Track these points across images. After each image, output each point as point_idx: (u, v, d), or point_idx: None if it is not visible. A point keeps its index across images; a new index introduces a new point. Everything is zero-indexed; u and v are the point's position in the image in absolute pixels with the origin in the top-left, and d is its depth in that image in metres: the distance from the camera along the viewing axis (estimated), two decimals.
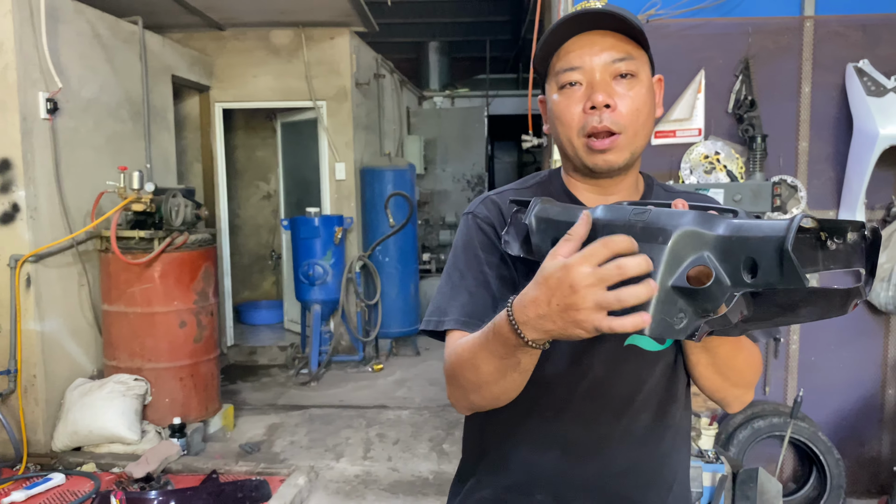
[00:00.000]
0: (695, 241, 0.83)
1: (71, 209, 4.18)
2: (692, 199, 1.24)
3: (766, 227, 0.79)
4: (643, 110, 1.17)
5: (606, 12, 1.13)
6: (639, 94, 1.16)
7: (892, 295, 3.30)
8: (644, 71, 1.18)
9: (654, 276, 0.82)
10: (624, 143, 1.16)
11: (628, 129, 1.16)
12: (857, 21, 3.37)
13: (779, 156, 3.45)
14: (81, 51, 4.38)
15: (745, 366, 1.18)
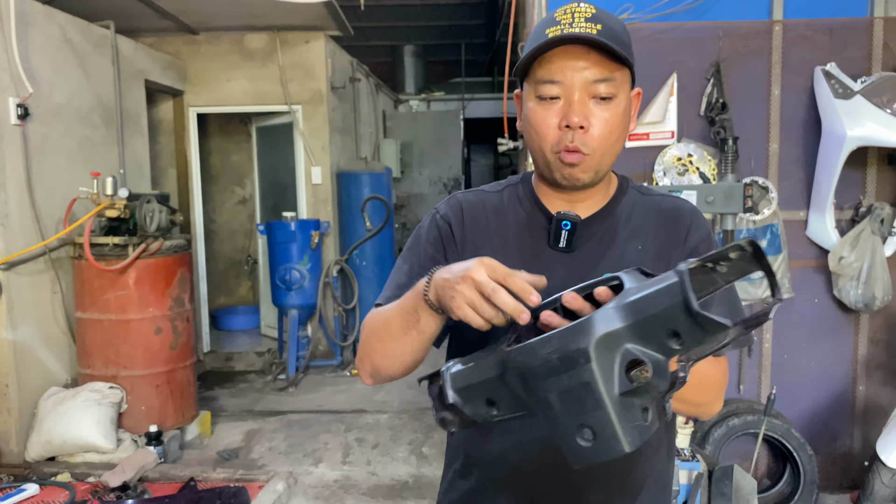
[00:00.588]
0: (611, 344, 0.83)
1: (43, 216, 4.13)
2: (664, 204, 1.29)
3: (663, 295, 0.80)
4: (615, 133, 1.18)
5: (597, 41, 1.12)
6: (614, 116, 1.17)
7: (862, 293, 3.37)
8: (623, 91, 1.18)
9: (597, 395, 0.82)
10: (591, 163, 1.19)
11: (597, 150, 1.18)
12: (824, 25, 3.44)
13: (750, 157, 3.50)
14: (52, 55, 4.33)
15: (703, 389, 1.20)
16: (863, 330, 3.59)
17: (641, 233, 1.27)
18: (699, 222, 1.29)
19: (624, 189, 1.31)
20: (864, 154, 3.43)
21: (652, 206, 1.30)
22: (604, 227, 1.27)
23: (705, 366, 1.16)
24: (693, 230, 1.28)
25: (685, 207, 1.31)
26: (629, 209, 1.28)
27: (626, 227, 1.27)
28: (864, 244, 3.34)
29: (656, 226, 1.27)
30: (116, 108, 5.01)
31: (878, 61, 3.41)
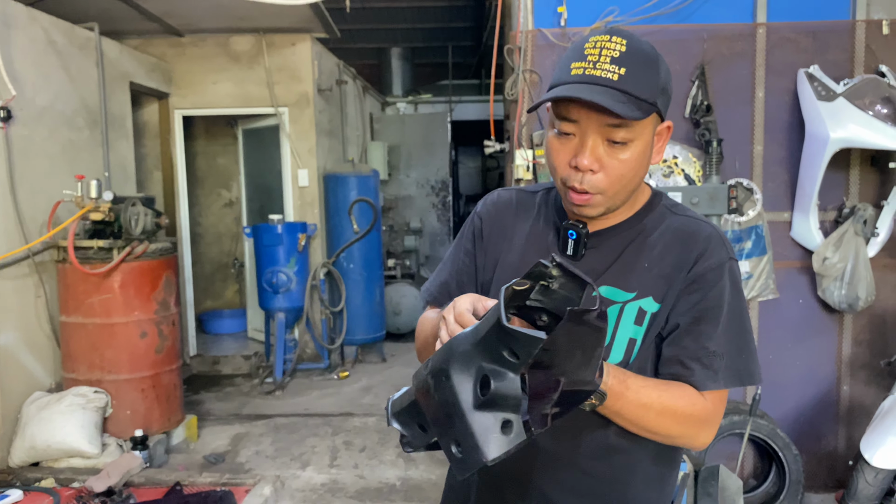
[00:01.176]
0: (467, 362, 0.91)
1: (26, 219, 4.09)
2: (687, 226, 1.28)
3: (491, 314, 0.90)
4: (627, 175, 1.19)
5: (600, 104, 1.11)
6: (629, 159, 1.18)
7: (846, 294, 3.39)
8: (643, 132, 1.18)
9: (458, 409, 0.89)
10: (600, 201, 1.22)
11: (607, 191, 1.20)
12: (807, 28, 3.47)
13: (735, 159, 3.53)
14: (35, 58, 4.30)
15: (665, 418, 1.17)
16: (847, 330, 3.62)
17: (652, 251, 1.26)
18: (714, 250, 1.24)
19: (653, 206, 1.31)
20: (847, 156, 3.46)
21: (672, 227, 1.28)
22: (615, 241, 1.28)
23: (674, 397, 1.18)
24: (704, 257, 1.23)
25: (703, 233, 1.26)
26: (649, 227, 1.29)
27: (637, 244, 1.27)
28: (847, 245, 3.37)
29: (668, 246, 1.26)
30: (101, 111, 4.98)
31: (861, 63, 3.45)
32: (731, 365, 1.21)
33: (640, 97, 1.13)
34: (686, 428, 1.20)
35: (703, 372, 1.20)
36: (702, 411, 1.20)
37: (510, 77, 3.58)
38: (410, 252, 8.76)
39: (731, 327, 1.22)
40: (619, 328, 1.24)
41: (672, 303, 1.23)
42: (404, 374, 6.25)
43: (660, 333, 1.25)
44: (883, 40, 3.43)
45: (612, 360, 1.24)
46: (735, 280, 1.25)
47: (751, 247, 3.52)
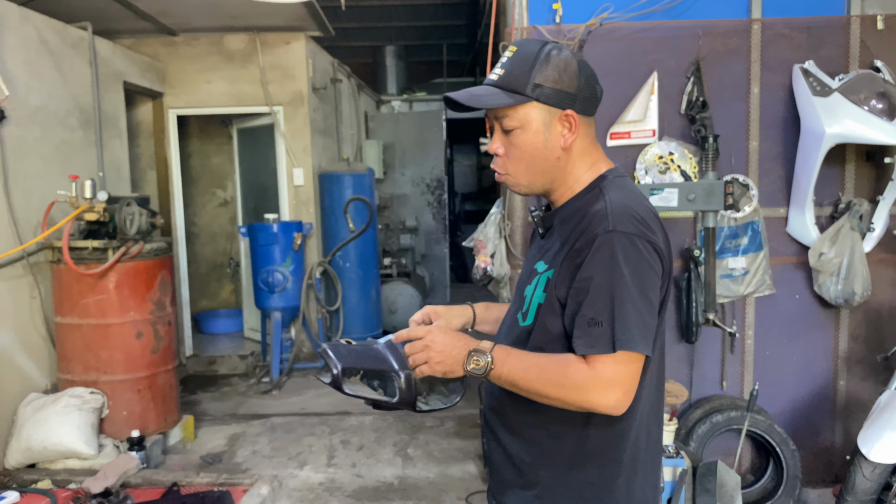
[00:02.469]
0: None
1: (20, 220, 4.08)
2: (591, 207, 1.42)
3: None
4: (525, 158, 1.45)
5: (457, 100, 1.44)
6: (520, 143, 1.44)
7: (842, 289, 3.40)
8: (530, 120, 1.41)
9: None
10: (511, 181, 1.50)
11: (513, 173, 1.48)
12: (801, 23, 3.47)
13: (730, 155, 3.53)
14: (28, 57, 4.28)
15: (543, 384, 1.33)
16: (843, 325, 3.62)
17: (567, 229, 1.43)
18: (594, 224, 1.35)
19: (591, 188, 1.46)
20: (842, 151, 3.47)
21: (585, 206, 1.42)
22: (556, 220, 1.51)
23: (550, 361, 1.34)
24: (585, 231, 1.36)
25: (593, 209, 1.38)
26: (577, 206, 1.45)
27: (564, 222, 1.47)
28: (843, 240, 3.37)
29: (574, 224, 1.41)
30: (94, 111, 4.96)
31: (856, 59, 3.45)
32: (605, 332, 1.29)
33: (511, 90, 1.40)
34: (567, 390, 1.31)
35: (583, 339, 1.31)
36: (578, 375, 1.30)
37: None
38: (406, 250, 8.75)
39: (605, 296, 1.30)
40: (533, 296, 1.45)
41: (558, 272, 1.39)
42: None
43: (558, 300, 1.39)
44: (877, 35, 3.44)
45: (528, 321, 1.46)
46: (614, 251, 1.31)
47: (747, 243, 3.53)
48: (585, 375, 1.30)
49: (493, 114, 1.44)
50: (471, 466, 4.19)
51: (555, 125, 1.42)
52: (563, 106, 1.41)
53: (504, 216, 3.65)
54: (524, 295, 1.48)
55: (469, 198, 12.69)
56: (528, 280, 1.49)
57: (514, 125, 1.42)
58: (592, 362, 1.30)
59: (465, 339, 1.42)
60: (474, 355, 1.37)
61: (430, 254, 9.40)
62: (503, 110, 1.42)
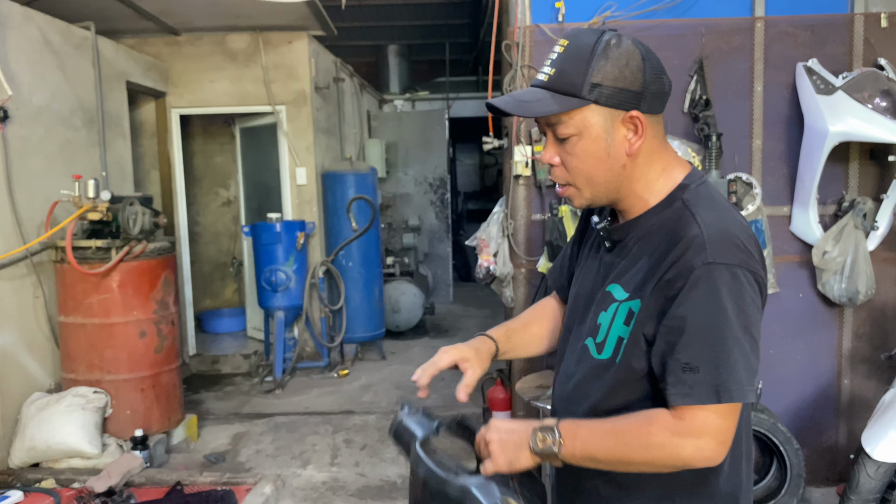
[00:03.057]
0: None
1: (24, 219, 4.08)
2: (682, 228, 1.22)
3: None
4: (584, 167, 1.26)
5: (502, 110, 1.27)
6: (580, 152, 1.25)
7: (846, 287, 3.39)
8: (590, 125, 1.22)
9: None
10: (573, 192, 1.31)
11: (574, 182, 1.29)
12: (805, 21, 3.46)
13: (734, 154, 3.52)
14: (31, 57, 4.28)
15: (623, 447, 1.19)
16: (847, 324, 3.61)
17: (649, 250, 1.25)
18: (689, 254, 1.17)
19: (672, 201, 1.27)
20: (846, 149, 3.46)
21: (672, 226, 1.24)
22: (631, 235, 1.31)
23: (626, 422, 1.20)
24: (679, 262, 1.18)
25: (687, 234, 1.20)
26: (657, 223, 1.27)
27: (643, 240, 1.28)
28: (847, 239, 3.36)
29: (661, 248, 1.23)
30: (98, 111, 4.96)
31: (859, 57, 3.44)
32: (705, 380, 1.14)
33: (565, 93, 1.21)
34: (653, 450, 1.17)
35: (676, 388, 1.16)
36: (665, 431, 1.16)
37: (508, 73, 3.57)
38: (409, 249, 8.75)
39: (705, 339, 1.15)
40: (612, 326, 1.28)
41: (646, 305, 1.22)
42: (404, 371, 6.25)
43: (645, 339, 1.23)
44: (881, 33, 3.43)
45: (604, 356, 1.29)
46: (714, 287, 1.15)
47: None
48: (674, 430, 1.15)
49: (544, 120, 1.26)
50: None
51: (618, 129, 1.23)
52: (627, 107, 1.22)
53: (507, 215, 3.65)
54: (598, 322, 1.31)
55: (472, 197, 12.69)
56: (599, 303, 1.32)
57: (569, 132, 1.23)
58: (683, 413, 1.15)
59: (525, 421, 1.26)
60: (539, 433, 1.21)
61: (433, 253, 9.41)
62: (554, 117, 1.23)
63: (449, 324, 8.23)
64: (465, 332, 7.73)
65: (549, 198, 3.61)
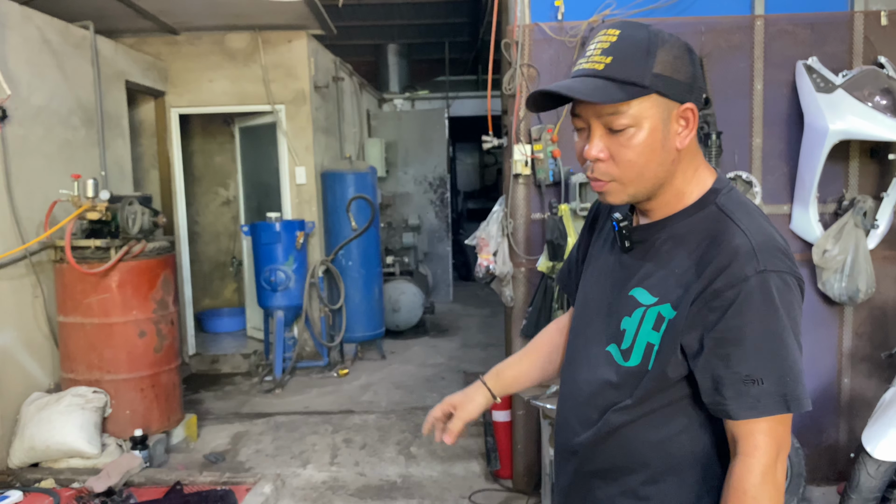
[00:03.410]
0: None
1: (23, 219, 4.08)
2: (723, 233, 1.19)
3: None
4: (639, 160, 1.19)
5: (571, 96, 1.17)
6: (635, 145, 1.18)
7: (846, 286, 3.38)
8: (647, 116, 1.17)
9: None
10: (616, 188, 1.23)
11: (621, 178, 1.21)
12: (805, 19, 3.46)
13: (734, 152, 3.51)
14: (30, 57, 4.28)
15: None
16: (847, 323, 3.61)
17: (682, 254, 1.22)
18: (738, 263, 1.14)
19: (704, 203, 1.25)
20: (846, 147, 3.45)
21: (710, 231, 1.21)
22: (656, 237, 1.27)
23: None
24: (726, 272, 1.14)
25: (732, 242, 1.17)
26: (690, 227, 1.24)
27: (672, 243, 1.24)
28: (847, 237, 3.36)
29: (698, 253, 1.20)
30: (97, 110, 4.96)
31: (859, 55, 3.43)
32: (772, 390, 1.12)
33: (626, 81, 1.15)
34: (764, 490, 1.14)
35: (739, 400, 1.13)
36: (757, 481, 1.13)
37: (507, 72, 3.56)
38: (409, 249, 8.75)
39: (765, 349, 1.12)
40: (639, 332, 1.24)
41: (686, 314, 1.18)
42: (404, 371, 6.25)
43: (682, 348, 1.19)
44: (881, 31, 3.42)
45: (632, 363, 1.24)
46: (769, 295, 1.12)
47: None
48: (762, 471, 1.13)
49: (594, 111, 1.18)
50: (474, 465, 4.19)
51: (673, 121, 1.20)
52: (682, 99, 1.20)
53: (507, 214, 3.64)
54: (622, 327, 1.27)
55: (471, 196, 12.68)
56: (621, 308, 1.28)
57: (626, 123, 1.17)
58: (754, 432, 1.13)
59: None
60: None
61: (432, 252, 9.40)
62: (611, 106, 1.16)
63: (449, 323, 8.22)
64: (464, 332, 7.73)
65: (548, 197, 3.61)
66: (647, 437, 1.25)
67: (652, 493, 1.26)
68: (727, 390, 1.14)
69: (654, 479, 1.25)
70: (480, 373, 1.65)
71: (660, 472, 1.25)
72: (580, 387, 1.35)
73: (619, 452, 1.28)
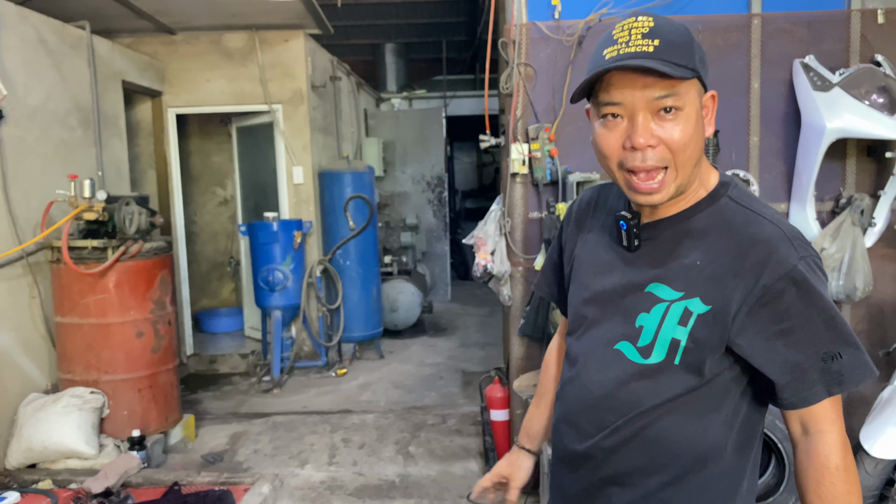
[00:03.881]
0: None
1: (19, 220, 4.07)
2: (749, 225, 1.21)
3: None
4: (689, 144, 1.17)
5: (647, 67, 1.11)
6: (686, 126, 1.16)
7: (843, 284, 3.38)
8: (691, 100, 1.17)
9: None
10: (670, 178, 1.19)
11: (675, 162, 1.17)
12: (802, 18, 3.46)
13: (731, 151, 3.52)
14: (26, 57, 4.27)
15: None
16: None
17: (706, 248, 1.21)
18: (780, 255, 1.15)
19: (717, 196, 1.25)
20: (843, 146, 3.45)
21: (731, 222, 1.21)
22: (669, 233, 1.25)
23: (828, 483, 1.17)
24: (771, 266, 1.15)
25: (765, 234, 1.17)
26: (709, 220, 1.23)
27: (692, 237, 1.23)
28: (844, 235, 3.36)
29: (725, 245, 1.20)
30: (93, 110, 4.95)
31: (856, 53, 3.43)
32: (853, 360, 1.15)
33: (678, 63, 1.13)
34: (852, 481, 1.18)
35: (825, 380, 1.15)
36: (839, 445, 1.18)
37: (505, 71, 3.56)
38: (407, 248, 8.75)
39: (831, 326, 1.15)
40: (662, 328, 1.22)
41: (734, 314, 1.17)
42: (402, 370, 6.24)
43: (728, 347, 1.19)
44: (878, 29, 3.42)
45: (654, 359, 1.22)
46: (816, 276, 1.16)
47: None
48: (841, 445, 1.18)
49: (642, 96, 1.14)
50: (472, 464, 4.19)
51: (703, 107, 1.21)
52: (707, 87, 1.21)
53: (504, 213, 3.64)
54: (638, 324, 1.24)
55: (469, 195, 12.68)
56: (635, 305, 1.26)
57: (679, 104, 1.14)
58: (828, 409, 1.18)
59: None
60: None
61: (430, 251, 9.40)
62: (663, 88, 1.13)
63: (447, 322, 8.22)
64: (463, 331, 7.73)
65: (546, 196, 3.61)
66: (672, 437, 1.23)
67: (674, 496, 1.24)
68: (811, 374, 1.15)
69: (675, 481, 1.24)
70: (479, 372, 1.67)
71: (682, 473, 1.23)
72: (590, 389, 1.30)
73: (640, 454, 1.25)
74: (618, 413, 1.25)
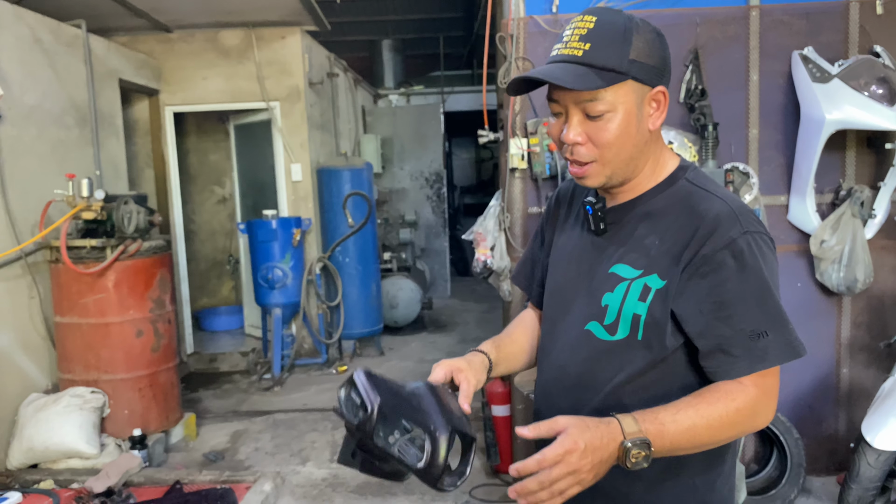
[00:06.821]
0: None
1: (17, 220, 4.06)
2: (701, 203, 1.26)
3: None
4: (615, 143, 1.24)
5: (555, 82, 1.20)
6: (611, 127, 1.23)
7: (844, 276, 3.38)
8: (623, 100, 1.22)
9: None
10: (595, 169, 1.28)
11: (600, 158, 1.26)
12: (800, 9, 3.45)
13: (730, 143, 3.51)
14: (22, 56, 4.25)
15: (715, 431, 1.18)
16: (845, 313, 3.61)
17: (663, 227, 1.28)
18: (722, 228, 1.20)
19: (675, 179, 1.32)
20: (843, 137, 3.45)
21: (688, 202, 1.27)
22: (631, 215, 1.32)
23: (711, 404, 1.17)
24: (713, 238, 1.20)
25: (713, 210, 1.23)
26: (666, 201, 1.30)
27: (651, 218, 1.30)
28: (844, 227, 3.35)
29: (676, 221, 1.26)
30: (90, 109, 4.93)
31: (855, 44, 3.42)
32: (778, 340, 1.18)
33: (605, 68, 1.19)
34: (739, 426, 1.20)
35: (749, 356, 1.18)
36: (746, 401, 1.18)
37: (503, 65, 3.55)
38: (406, 245, 8.74)
39: (763, 304, 1.19)
40: (624, 304, 1.27)
41: (678, 282, 1.23)
42: (402, 367, 6.24)
43: (673, 316, 1.23)
44: (877, 20, 3.41)
45: (619, 335, 1.28)
46: (755, 254, 1.20)
47: None
48: (755, 401, 1.19)
49: (571, 97, 1.22)
50: (474, 460, 4.18)
51: (645, 105, 1.25)
52: (654, 83, 1.25)
53: (503, 209, 3.63)
54: (604, 304, 1.30)
55: (468, 191, 12.67)
56: (600, 286, 1.31)
57: (604, 109, 1.22)
58: (757, 379, 1.19)
59: (601, 429, 1.12)
60: (632, 449, 1.11)
61: (429, 248, 9.39)
62: (589, 93, 1.20)
63: (447, 318, 8.22)
64: (463, 327, 7.73)
65: (545, 190, 3.60)
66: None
67: (650, 471, 1.22)
68: (735, 349, 1.18)
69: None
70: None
71: None
72: (566, 371, 1.36)
73: None
74: (593, 391, 1.31)
